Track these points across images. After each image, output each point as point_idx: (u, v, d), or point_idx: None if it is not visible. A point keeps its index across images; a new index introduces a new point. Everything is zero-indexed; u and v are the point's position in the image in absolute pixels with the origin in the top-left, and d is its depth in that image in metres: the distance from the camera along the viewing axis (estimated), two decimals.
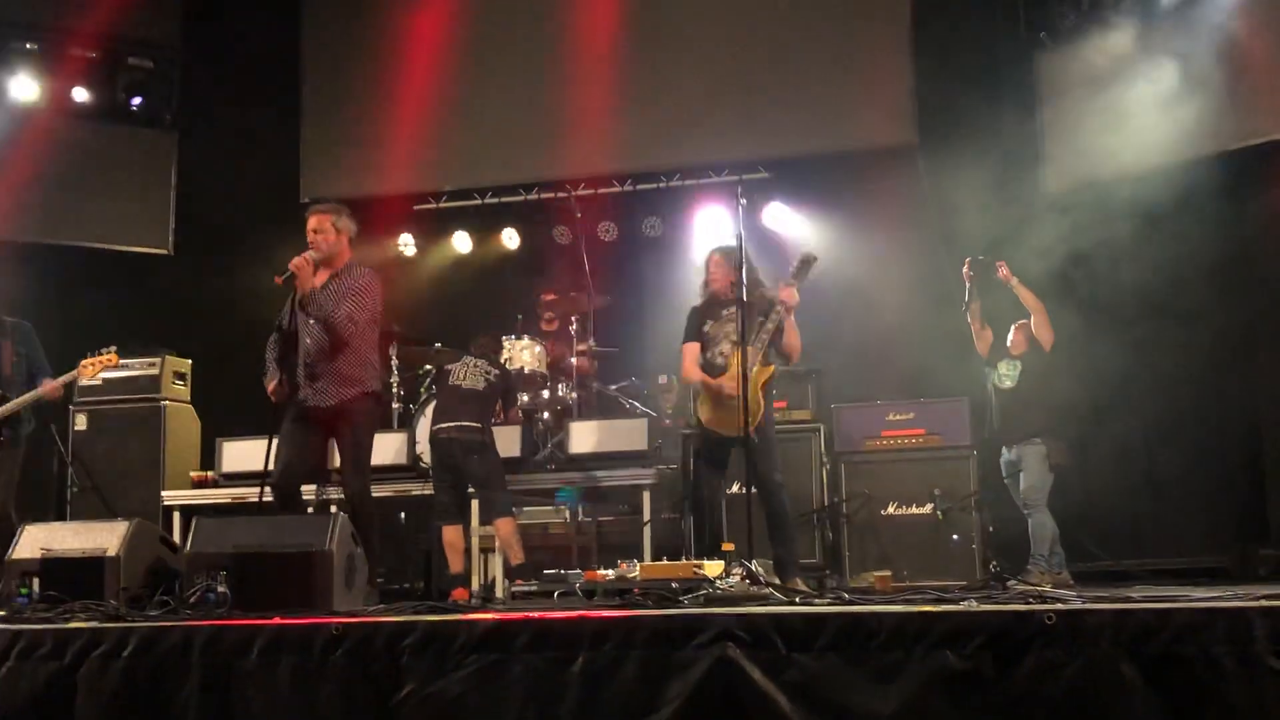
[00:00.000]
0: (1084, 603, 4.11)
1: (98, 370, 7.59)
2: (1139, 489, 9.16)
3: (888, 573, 7.52)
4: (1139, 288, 8.72)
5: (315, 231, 6.64)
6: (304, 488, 6.91)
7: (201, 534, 5.47)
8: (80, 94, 11.01)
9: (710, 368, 6.87)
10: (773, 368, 6.71)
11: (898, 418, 8.09)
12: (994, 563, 7.73)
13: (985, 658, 3.82)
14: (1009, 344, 8.13)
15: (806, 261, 6.74)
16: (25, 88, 10.78)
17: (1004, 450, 8.04)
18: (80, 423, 9.11)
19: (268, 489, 6.55)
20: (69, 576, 5.47)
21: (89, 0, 10.99)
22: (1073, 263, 8.60)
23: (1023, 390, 8.01)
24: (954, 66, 9.59)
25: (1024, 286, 8.00)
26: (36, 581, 5.50)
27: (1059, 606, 3.93)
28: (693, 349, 6.98)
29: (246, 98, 11.19)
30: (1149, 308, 8.74)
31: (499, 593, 8.05)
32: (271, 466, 6.47)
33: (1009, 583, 7.44)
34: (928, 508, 7.85)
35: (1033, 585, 7.13)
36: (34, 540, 5.71)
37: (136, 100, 11.21)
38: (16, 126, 10.78)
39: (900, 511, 7.88)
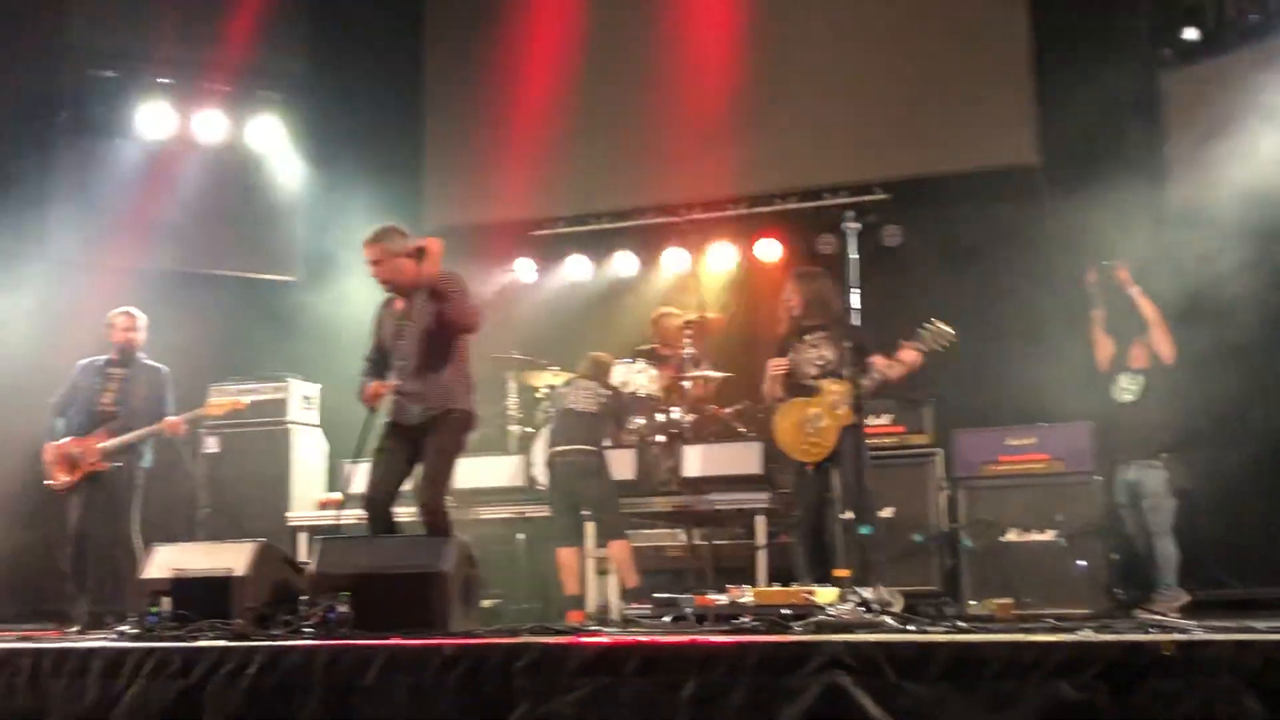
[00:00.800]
0: (1204, 633, 4.02)
1: (223, 411, 7.92)
2: (1269, 513, 8.87)
3: (1009, 600, 7.38)
4: (1268, 306, 8.48)
5: (374, 263, 6.58)
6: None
7: (325, 555, 5.62)
8: (211, 126, 11.39)
9: (798, 388, 6.94)
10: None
11: (1018, 442, 7.95)
12: (1118, 590, 7.56)
13: (1100, 688, 3.76)
14: (1129, 357, 7.97)
15: (938, 336, 6.71)
16: (158, 121, 11.18)
17: (1121, 468, 7.86)
18: (210, 445, 9.38)
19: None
20: (198, 596, 5.66)
21: (219, 36, 11.39)
22: (1198, 281, 8.39)
23: (1144, 405, 7.86)
24: (1076, 85, 9.41)
25: (1144, 296, 7.86)
26: (167, 601, 5.69)
27: (1178, 637, 3.86)
28: (777, 364, 7.08)
29: (371, 127, 11.50)
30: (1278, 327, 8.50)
31: (613, 616, 8.09)
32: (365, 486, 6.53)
33: (1133, 611, 7.30)
34: (1050, 534, 7.70)
35: (1158, 614, 7.00)
36: (165, 560, 5.92)
37: (264, 132, 11.55)
38: (150, 160, 11.20)
39: (1021, 538, 7.74)
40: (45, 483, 7.76)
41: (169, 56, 11.35)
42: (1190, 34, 9.20)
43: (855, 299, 6.49)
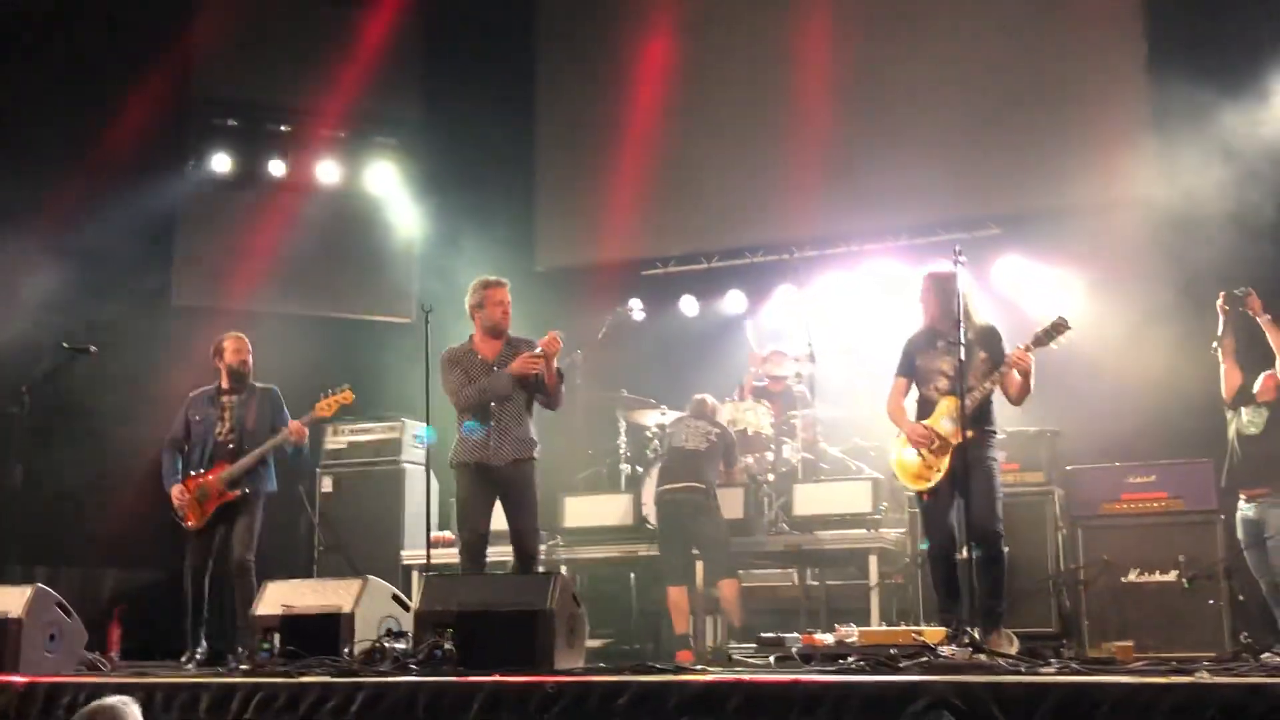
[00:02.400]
0: None
1: (334, 408, 7.89)
2: None
3: (1129, 643, 7.14)
4: None
5: (509, 304, 7.27)
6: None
7: (430, 592, 5.66)
8: (328, 171, 11.67)
9: (926, 403, 6.68)
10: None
11: (1139, 480, 7.71)
12: (1245, 634, 7.28)
13: None
14: (1257, 390, 7.72)
15: (1058, 327, 6.46)
16: (276, 167, 11.50)
17: (1242, 504, 7.59)
18: (326, 485, 9.55)
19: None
20: (307, 632, 5.74)
21: (337, 83, 11.69)
22: None
23: (1269, 438, 7.59)
24: (1194, 115, 9.20)
25: (1274, 325, 7.60)
26: (277, 636, 5.78)
27: None
28: (901, 385, 6.80)
29: (484, 171, 11.70)
30: None
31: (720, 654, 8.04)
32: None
33: (1262, 655, 7.02)
34: (1172, 575, 7.45)
35: None
36: (276, 597, 6.02)
37: (380, 177, 11.80)
38: (271, 205, 11.51)
39: (1142, 579, 7.50)
40: (183, 524, 7.74)
41: (289, 104, 11.68)
42: None
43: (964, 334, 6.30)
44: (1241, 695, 3.66)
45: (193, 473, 7.71)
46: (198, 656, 7.36)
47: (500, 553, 7.53)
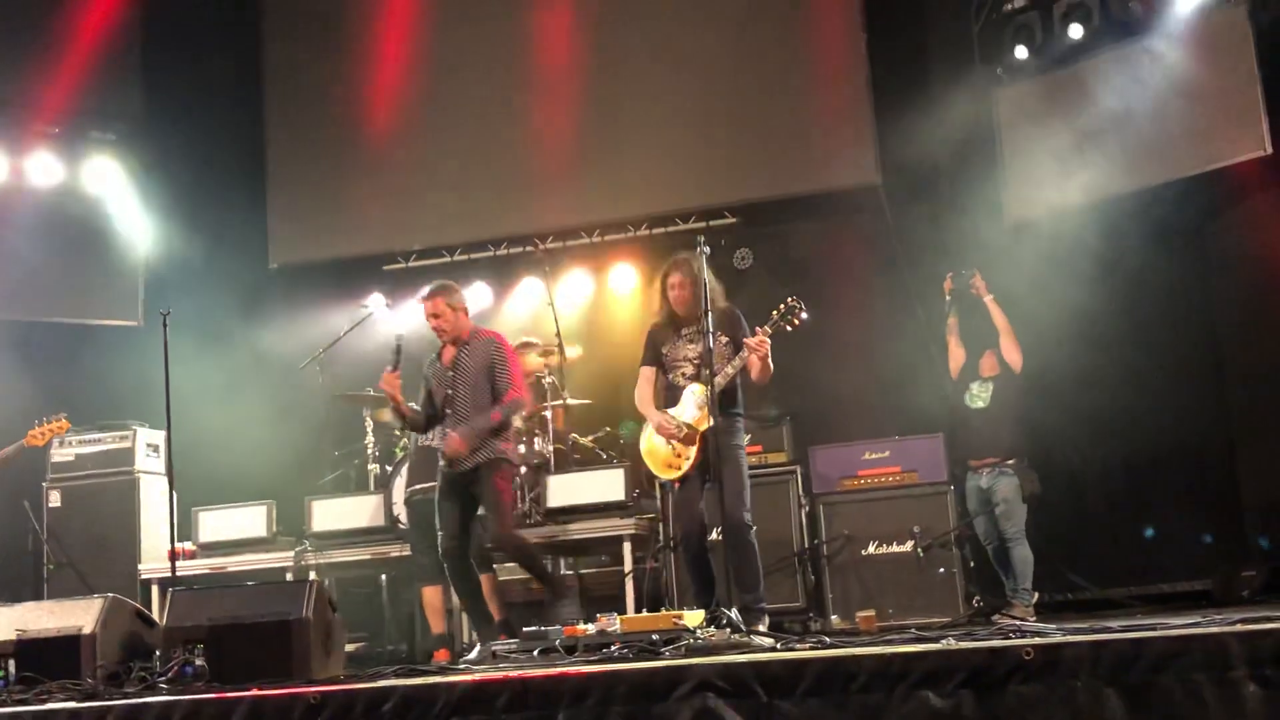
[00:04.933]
0: (1062, 635, 4.11)
1: (48, 437, 7.55)
2: (1118, 516, 9.19)
3: (872, 612, 7.49)
4: (1107, 315, 8.79)
5: (434, 316, 7.27)
6: None
7: (176, 607, 5.43)
8: (44, 169, 10.99)
9: (673, 391, 6.74)
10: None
11: (874, 456, 8.09)
12: (977, 598, 7.72)
13: (966, 696, 3.83)
14: (981, 365, 8.18)
15: (792, 310, 6.59)
16: None
17: (971, 475, 8.04)
18: (54, 499, 9.03)
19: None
20: (45, 657, 5.42)
21: (50, 76, 11.01)
22: (1038, 290, 8.66)
23: (994, 411, 8.06)
24: (913, 104, 9.66)
25: (996, 304, 8.08)
26: (12, 664, 5.44)
27: (1036, 641, 3.94)
28: (648, 374, 6.84)
29: (211, 167, 11.22)
30: (1117, 334, 8.81)
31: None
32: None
33: (993, 617, 7.46)
34: (908, 545, 7.84)
35: (1016, 619, 7.16)
36: (7, 621, 5.66)
37: (101, 174, 11.19)
38: None
39: (881, 550, 7.87)
40: None
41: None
42: (1019, 50, 9.48)
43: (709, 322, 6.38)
44: (985, 658, 3.87)
45: None
46: None
47: None
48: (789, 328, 6.59)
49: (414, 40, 11.18)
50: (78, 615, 5.55)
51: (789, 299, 6.66)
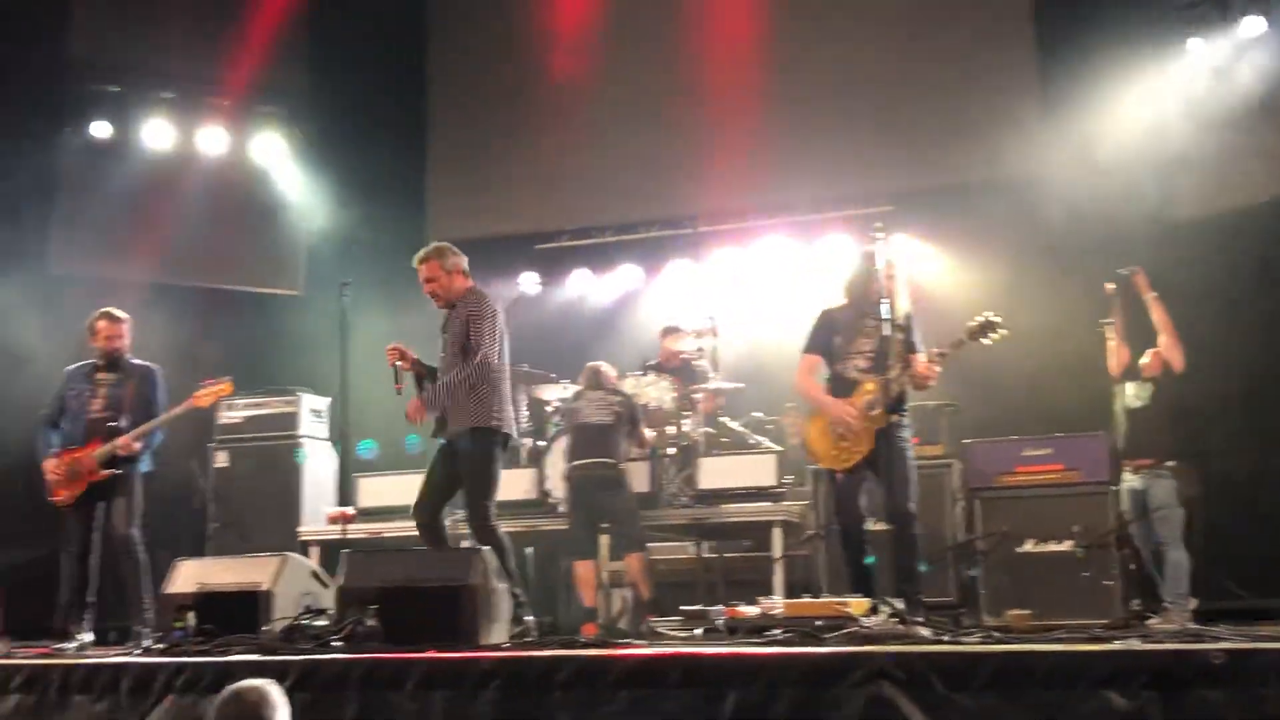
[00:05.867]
0: (1252, 642, 4.02)
1: (212, 399, 7.70)
2: (1275, 521, 8.90)
3: (1026, 611, 7.37)
4: (1275, 314, 8.54)
5: (428, 280, 6.94)
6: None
7: (351, 568, 5.58)
8: (214, 141, 11.36)
9: (841, 382, 6.52)
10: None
11: (1034, 453, 7.93)
12: (1135, 601, 7.55)
13: (1151, 698, 3.76)
14: (1142, 365, 8.01)
15: (989, 325, 6.41)
16: (161, 136, 11.16)
17: (1128, 475, 7.87)
18: (220, 460, 9.33)
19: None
20: (224, 610, 5.62)
21: (223, 51, 11.37)
22: (1203, 288, 8.45)
23: (1152, 411, 7.89)
24: (1079, 94, 9.48)
25: (1159, 303, 7.89)
26: (192, 615, 5.65)
27: (1226, 646, 3.86)
28: (812, 362, 6.62)
29: (375, 142, 11.48)
30: None
31: (624, 627, 8.09)
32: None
33: (1148, 621, 7.30)
34: (1066, 544, 7.69)
35: (1173, 625, 7.00)
36: (189, 575, 5.89)
37: (268, 147, 11.53)
38: (153, 174, 11.18)
39: (1038, 549, 7.72)
40: (49, 499, 7.53)
41: (173, 71, 11.33)
42: (1193, 44, 9.26)
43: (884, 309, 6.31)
44: (1171, 661, 3.80)
45: (66, 449, 7.48)
46: (80, 638, 7.13)
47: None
48: (985, 341, 6.43)
49: (582, 20, 11.27)
50: (256, 572, 5.74)
51: (987, 316, 6.44)
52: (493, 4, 11.80)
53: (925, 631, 5.09)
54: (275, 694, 3.53)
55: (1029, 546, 7.73)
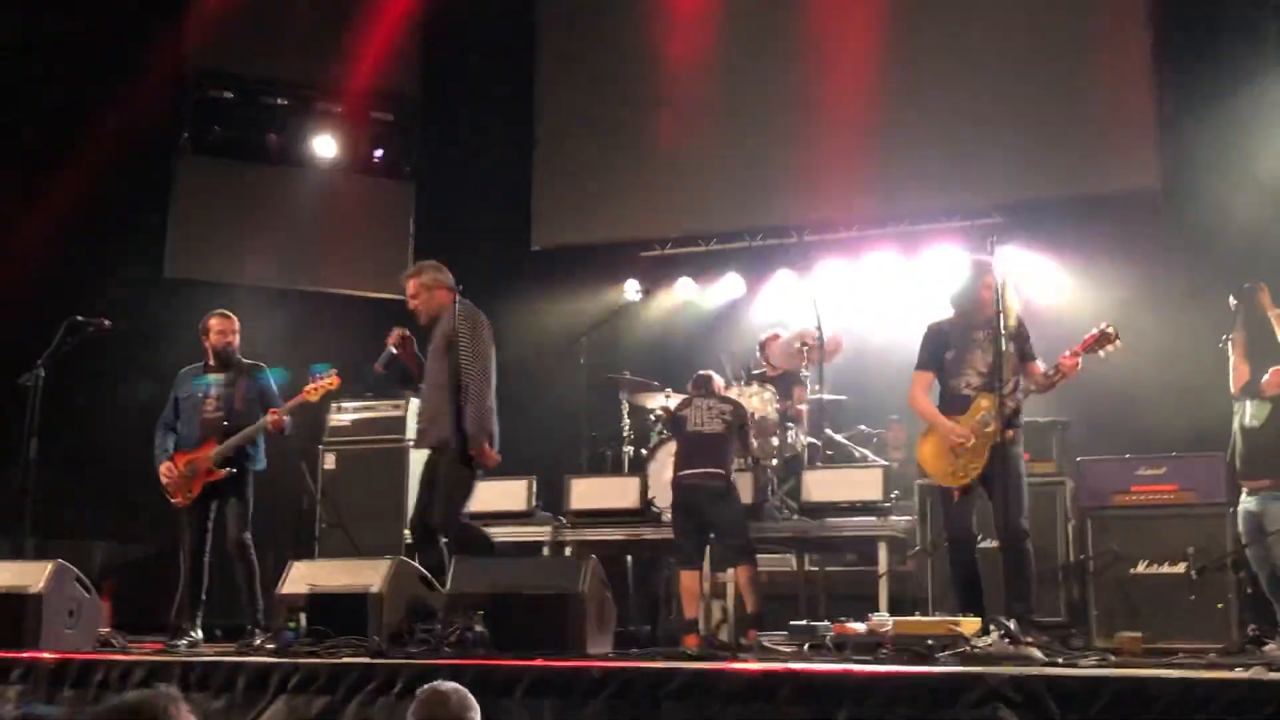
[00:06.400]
0: None
1: (320, 393, 7.79)
2: None
3: (1138, 634, 7.20)
4: None
5: (411, 297, 7.17)
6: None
7: (460, 574, 5.63)
8: (327, 146, 11.57)
9: (955, 399, 6.48)
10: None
11: (1149, 472, 7.74)
12: (1252, 626, 7.34)
13: None
14: (1263, 383, 7.79)
15: (1107, 337, 6.35)
16: (272, 141, 11.42)
17: (1244, 497, 7.66)
18: (329, 462, 9.45)
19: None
20: (334, 611, 5.69)
21: (336, 59, 11.58)
22: None
23: (1269, 432, 7.66)
24: (1200, 107, 9.27)
25: None
26: (304, 616, 5.73)
27: None
28: (926, 379, 6.58)
29: (482, 149, 11.63)
30: None
31: (723, 639, 8.05)
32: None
33: (1265, 647, 7.09)
34: (1180, 567, 7.50)
35: None
36: (301, 576, 5.96)
37: (379, 152, 11.72)
38: (268, 180, 11.42)
39: (1151, 570, 7.54)
40: (171, 501, 7.70)
41: (286, 78, 11.58)
42: None
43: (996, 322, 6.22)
44: None
45: (182, 450, 7.63)
46: (191, 635, 7.27)
47: None
48: (1100, 354, 6.38)
49: (691, 30, 11.30)
50: (367, 575, 5.80)
51: (1106, 325, 6.41)
52: (602, 14, 11.85)
53: (1038, 653, 5.00)
54: (470, 697, 3.69)
55: (1141, 568, 7.54)
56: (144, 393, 9.41)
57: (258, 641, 6.36)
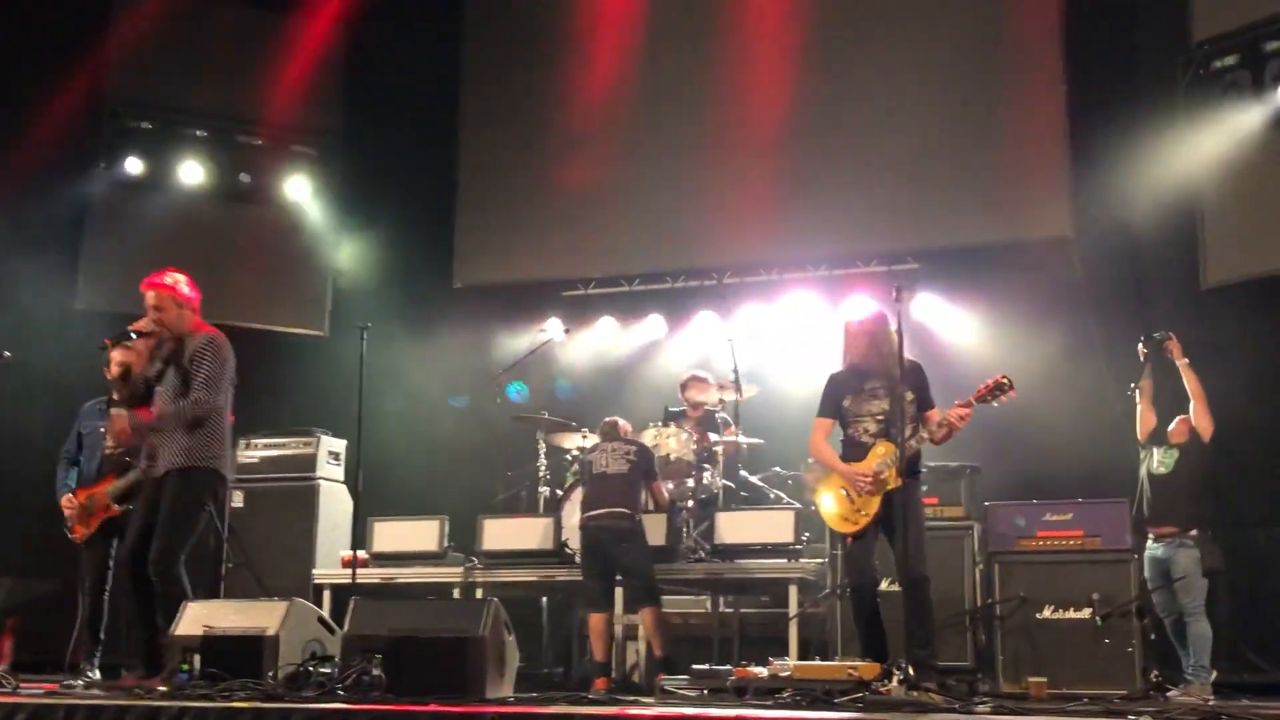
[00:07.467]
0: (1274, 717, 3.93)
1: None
2: None
3: (1043, 679, 7.25)
4: None
5: (156, 309, 6.78)
6: None
7: (359, 615, 5.54)
8: (246, 181, 11.46)
9: (853, 446, 6.58)
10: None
11: (1055, 518, 7.81)
12: (1155, 672, 7.42)
13: None
14: (1170, 431, 7.90)
15: (1001, 387, 6.45)
16: (189, 172, 11.29)
17: (1150, 543, 7.76)
18: (236, 500, 9.29)
19: None
20: (229, 654, 5.57)
21: (257, 91, 11.49)
22: (1233, 357, 8.36)
23: (1177, 479, 7.76)
24: (1112, 159, 9.44)
25: (1190, 370, 7.79)
26: (197, 658, 5.61)
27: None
28: (826, 425, 6.68)
29: (404, 185, 11.57)
30: None
31: (637, 681, 8.00)
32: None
33: (1169, 694, 7.17)
34: (1085, 612, 7.57)
35: (1193, 697, 6.87)
36: (196, 617, 5.85)
37: (299, 186, 11.61)
38: (184, 212, 11.27)
39: (1057, 615, 7.60)
40: (71, 536, 7.52)
41: (206, 110, 11.46)
42: (1229, 111, 9.21)
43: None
44: None
45: (83, 485, 7.51)
46: (89, 675, 7.10)
47: None
48: (994, 403, 6.45)
49: (613, 72, 11.34)
50: (263, 616, 5.70)
51: (1001, 376, 6.50)
52: (525, 54, 11.87)
53: (937, 698, 5.00)
54: None
55: (1048, 613, 7.60)
56: (47, 426, 9.22)
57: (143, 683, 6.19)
